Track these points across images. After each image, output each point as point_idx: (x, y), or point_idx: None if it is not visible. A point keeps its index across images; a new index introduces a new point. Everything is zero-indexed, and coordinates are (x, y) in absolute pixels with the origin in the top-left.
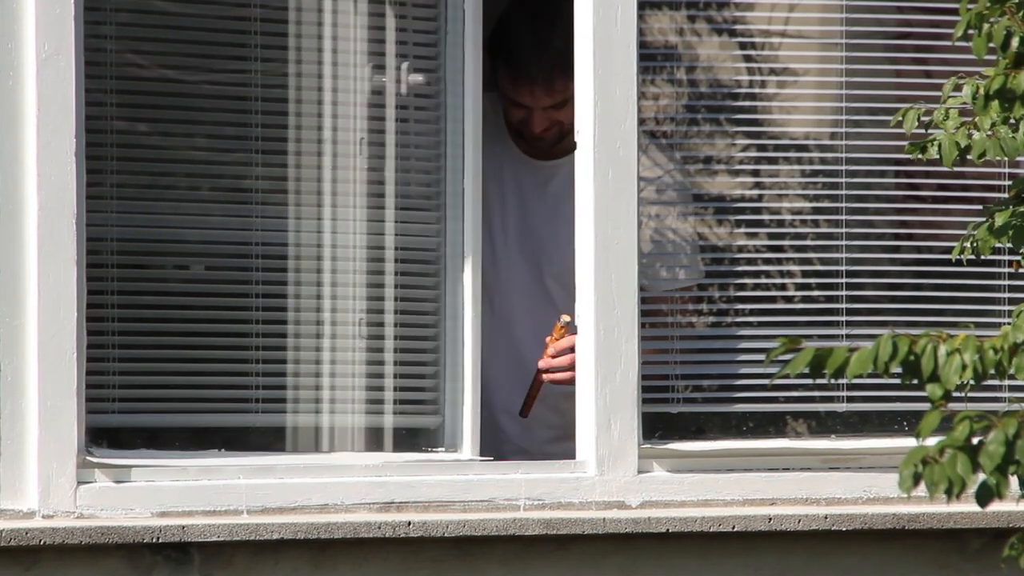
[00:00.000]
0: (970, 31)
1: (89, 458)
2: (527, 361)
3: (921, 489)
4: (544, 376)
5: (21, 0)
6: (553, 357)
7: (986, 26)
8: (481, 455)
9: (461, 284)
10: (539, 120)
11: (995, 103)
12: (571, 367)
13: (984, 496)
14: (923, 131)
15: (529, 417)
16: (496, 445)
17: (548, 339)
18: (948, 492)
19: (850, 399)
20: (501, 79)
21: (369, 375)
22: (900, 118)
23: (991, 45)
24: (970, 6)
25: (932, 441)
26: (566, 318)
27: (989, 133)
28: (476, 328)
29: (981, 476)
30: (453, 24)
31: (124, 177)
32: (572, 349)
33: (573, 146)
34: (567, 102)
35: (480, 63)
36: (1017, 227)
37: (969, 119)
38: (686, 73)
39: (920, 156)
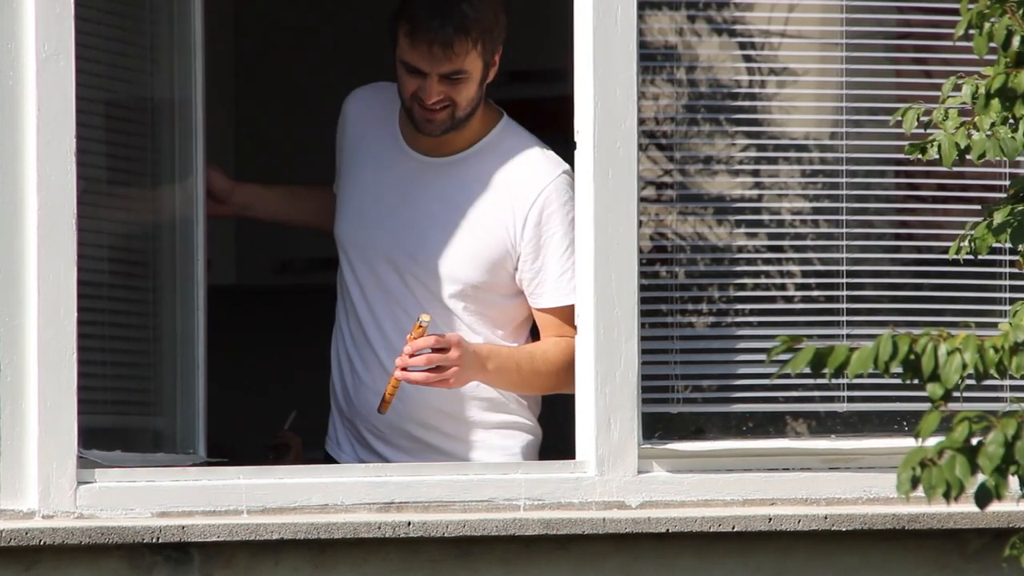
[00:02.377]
0: (971, 30)
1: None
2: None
3: (920, 490)
4: (399, 374)
5: (21, 0)
6: (410, 356)
7: (987, 25)
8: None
9: (184, 287)
10: (434, 88)
11: (995, 102)
12: (427, 367)
13: (983, 498)
14: (923, 131)
15: (386, 414)
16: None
17: (408, 338)
18: (946, 495)
19: (850, 399)
20: (400, 44)
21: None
22: (900, 118)
23: (992, 44)
24: (971, 5)
25: (932, 442)
26: (425, 318)
27: (989, 133)
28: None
29: (980, 477)
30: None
31: None
32: (431, 350)
33: (464, 143)
34: (465, 78)
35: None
36: (1016, 225)
37: (969, 119)
38: (686, 73)
39: (920, 156)
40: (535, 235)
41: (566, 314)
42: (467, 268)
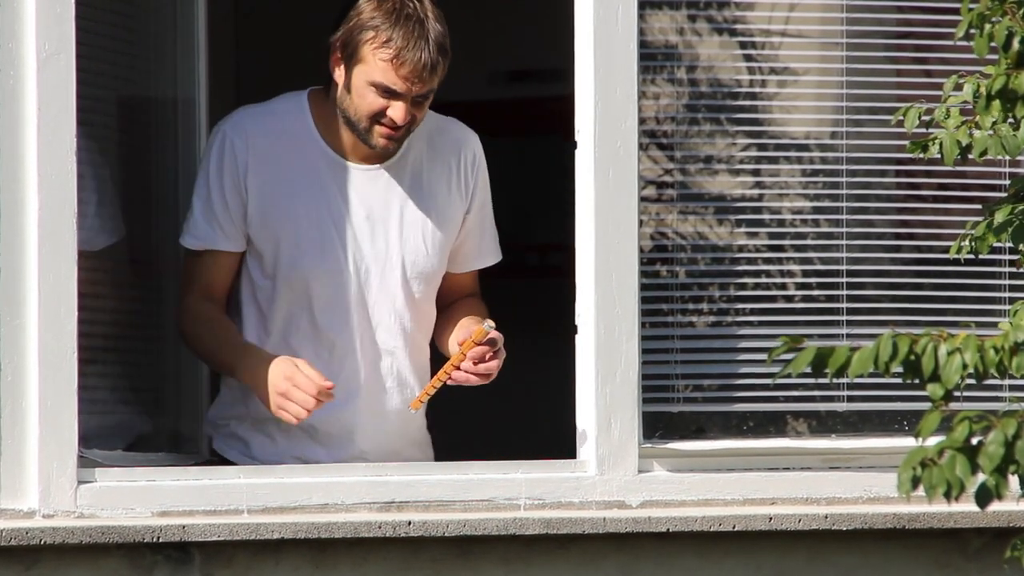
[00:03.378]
0: (971, 31)
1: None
2: (349, 380)
3: (921, 490)
4: (456, 375)
5: (21, 0)
6: (475, 362)
7: (987, 26)
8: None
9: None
10: (406, 110)
11: (997, 103)
12: (485, 374)
13: (983, 497)
14: (924, 131)
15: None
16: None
17: (469, 341)
18: (947, 495)
19: (850, 399)
20: (371, 64)
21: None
22: (901, 117)
23: (992, 45)
24: (972, 6)
25: (932, 441)
26: (491, 323)
27: (990, 132)
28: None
29: (981, 477)
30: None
31: None
32: (488, 356)
33: (394, 150)
34: (430, 97)
35: None
36: (1017, 224)
37: (970, 119)
38: (686, 73)
39: (921, 155)
40: (480, 190)
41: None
42: (438, 257)
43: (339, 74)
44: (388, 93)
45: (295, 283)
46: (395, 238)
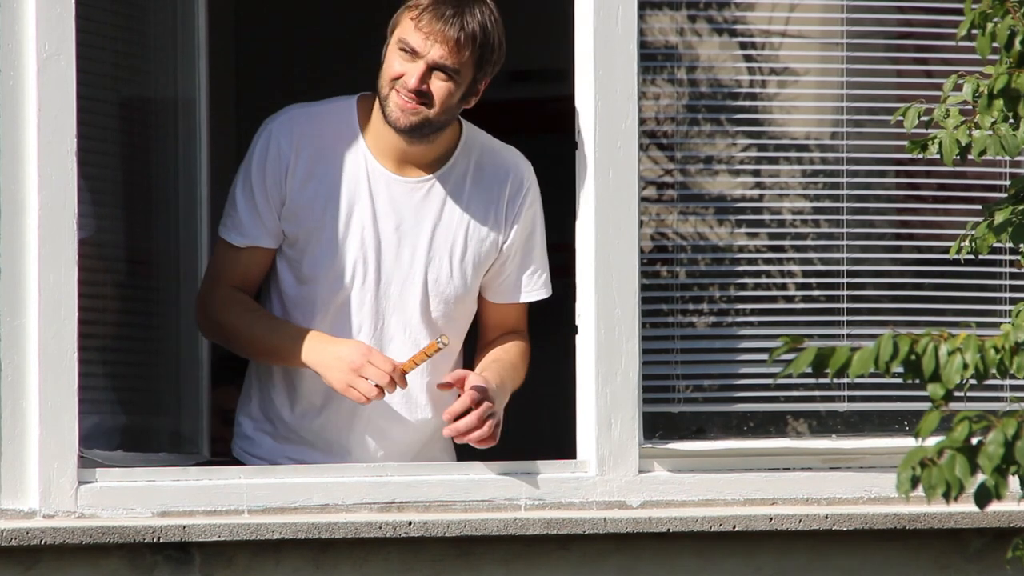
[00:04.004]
0: (973, 31)
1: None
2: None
3: (920, 490)
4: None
5: (21, 0)
6: (453, 420)
7: (990, 25)
8: None
9: (187, 286)
10: (421, 74)
11: (998, 102)
12: (479, 424)
13: (983, 497)
14: (923, 131)
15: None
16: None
17: (418, 356)
18: (946, 495)
19: (851, 399)
20: (401, 26)
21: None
22: (900, 117)
23: (995, 44)
24: (974, 5)
25: (932, 441)
26: (444, 340)
27: (989, 132)
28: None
29: (980, 477)
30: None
31: None
32: (471, 406)
33: (442, 157)
34: (450, 78)
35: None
36: (1017, 224)
37: (969, 118)
38: (686, 73)
39: (920, 154)
40: (525, 221)
41: (526, 309)
42: (462, 280)
43: (383, 54)
44: (407, 53)
45: (314, 287)
46: (421, 254)
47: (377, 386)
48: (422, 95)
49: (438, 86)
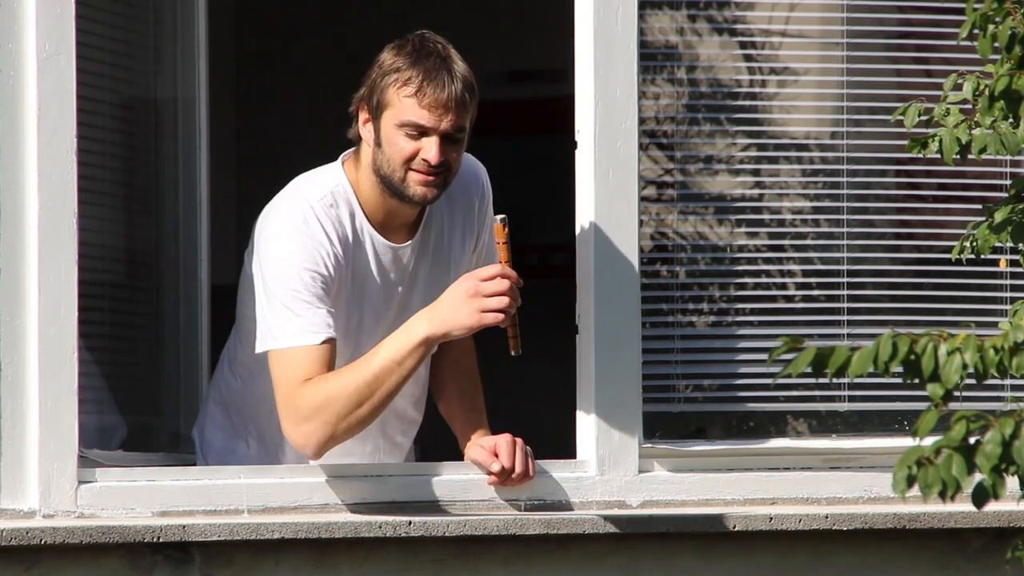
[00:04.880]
0: (975, 31)
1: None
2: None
3: (917, 489)
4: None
5: (21, 0)
6: (504, 475)
7: (991, 27)
8: None
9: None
10: (439, 147)
11: (999, 103)
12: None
13: (980, 497)
14: (924, 130)
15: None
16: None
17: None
18: (942, 494)
19: (851, 399)
20: (397, 106)
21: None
22: (900, 116)
23: (996, 45)
24: (976, 6)
25: (929, 441)
26: (502, 217)
27: (989, 130)
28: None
29: (978, 477)
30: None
31: None
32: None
33: (434, 197)
34: (462, 138)
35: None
36: (1016, 224)
37: (969, 117)
38: (686, 73)
39: (921, 152)
40: (488, 222)
41: None
42: None
43: (368, 132)
44: (418, 132)
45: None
46: (416, 306)
47: (503, 294)
48: (442, 165)
49: (453, 151)
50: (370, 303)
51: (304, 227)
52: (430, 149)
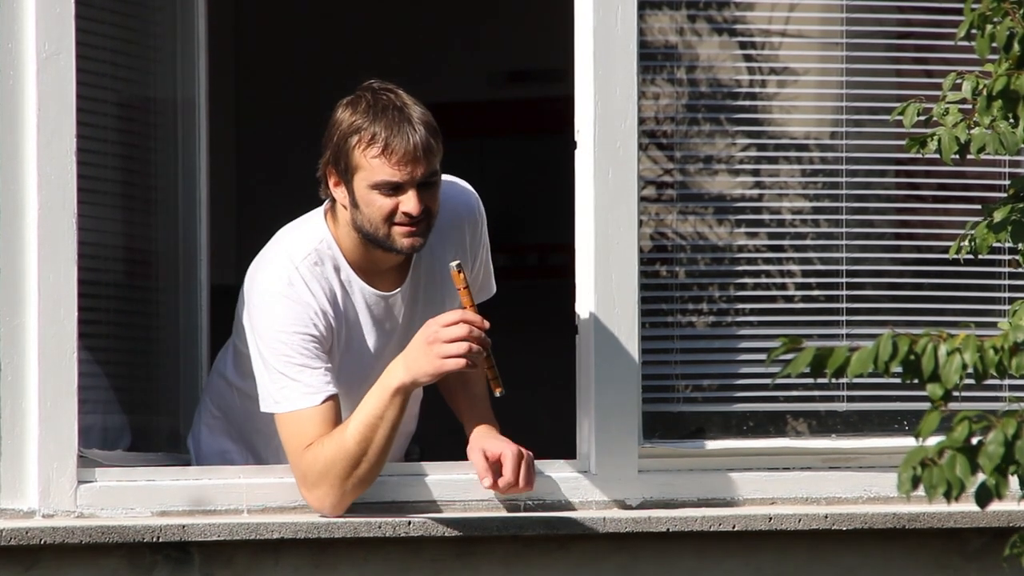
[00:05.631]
0: (973, 31)
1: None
2: None
3: (921, 489)
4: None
5: (21, 0)
6: (504, 484)
7: (989, 27)
8: None
9: (187, 286)
10: (417, 199)
11: (997, 103)
12: (520, 473)
13: (983, 497)
14: (923, 130)
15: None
16: None
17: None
18: (947, 494)
19: (850, 399)
20: (366, 168)
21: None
22: (899, 116)
23: (994, 45)
24: (974, 6)
25: (932, 441)
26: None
27: (988, 130)
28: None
29: (981, 477)
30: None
31: None
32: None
33: (421, 246)
34: (436, 181)
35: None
36: (1016, 223)
37: (968, 117)
38: (686, 73)
39: (920, 151)
40: (482, 245)
41: None
42: None
43: (341, 194)
44: (392, 189)
45: None
46: (413, 333)
47: (463, 339)
48: (423, 213)
49: (430, 196)
50: (368, 352)
51: (290, 290)
52: (409, 202)
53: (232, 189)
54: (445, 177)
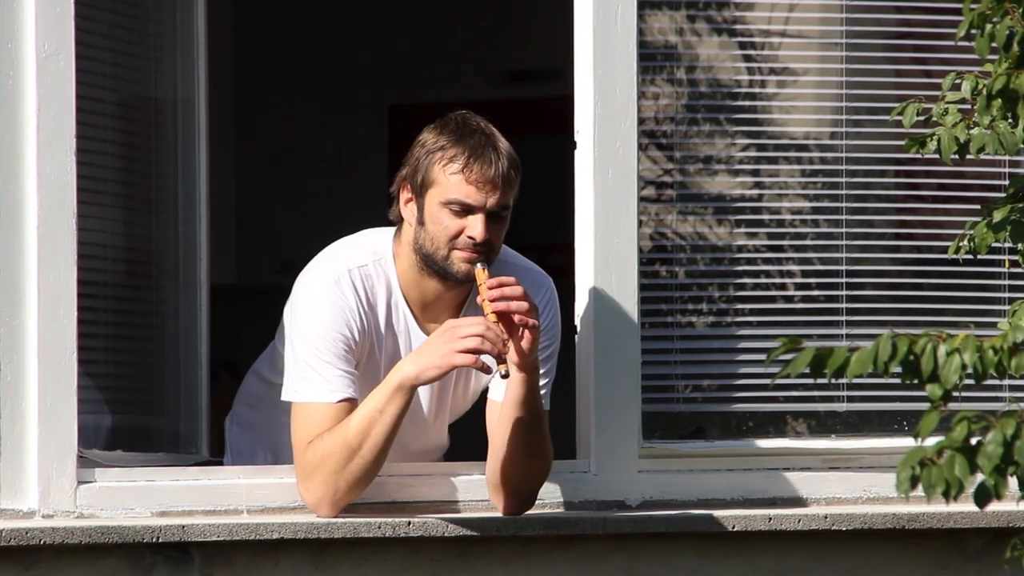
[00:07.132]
0: (972, 31)
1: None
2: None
3: (920, 490)
4: (498, 306)
5: (21, 0)
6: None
7: (988, 26)
8: None
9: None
10: (484, 224)
11: (997, 102)
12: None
13: (982, 497)
14: (922, 130)
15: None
16: None
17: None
18: (946, 494)
19: (850, 399)
20: (442, 184)
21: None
22: (899, 116)
23: (993, 45)
24: (973, 6)
25: (931, 441)
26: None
27: (987, 130)
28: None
29: (980, 477)
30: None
31: None
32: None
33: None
34: (507, 216)
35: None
36: (1015, 223)
37: (967, 116)
38: (686, 73)
39: (919, 151)
40: (548, 342)
41: None
42: (473, 400)
43: (411, 212)
44: (463, 210)
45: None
46: (459, 394)
47: (478, 336)
48: (486, 243)
49: (497, 230)
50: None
51: (336, 289)
52: (475, 227)
53: (232, 189)
54: (524, 266)
